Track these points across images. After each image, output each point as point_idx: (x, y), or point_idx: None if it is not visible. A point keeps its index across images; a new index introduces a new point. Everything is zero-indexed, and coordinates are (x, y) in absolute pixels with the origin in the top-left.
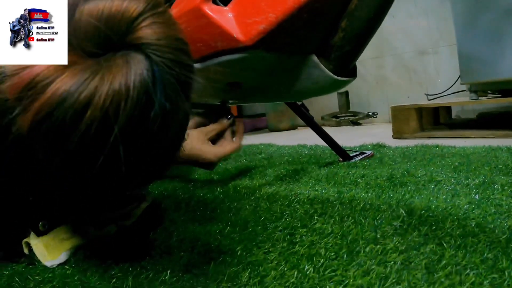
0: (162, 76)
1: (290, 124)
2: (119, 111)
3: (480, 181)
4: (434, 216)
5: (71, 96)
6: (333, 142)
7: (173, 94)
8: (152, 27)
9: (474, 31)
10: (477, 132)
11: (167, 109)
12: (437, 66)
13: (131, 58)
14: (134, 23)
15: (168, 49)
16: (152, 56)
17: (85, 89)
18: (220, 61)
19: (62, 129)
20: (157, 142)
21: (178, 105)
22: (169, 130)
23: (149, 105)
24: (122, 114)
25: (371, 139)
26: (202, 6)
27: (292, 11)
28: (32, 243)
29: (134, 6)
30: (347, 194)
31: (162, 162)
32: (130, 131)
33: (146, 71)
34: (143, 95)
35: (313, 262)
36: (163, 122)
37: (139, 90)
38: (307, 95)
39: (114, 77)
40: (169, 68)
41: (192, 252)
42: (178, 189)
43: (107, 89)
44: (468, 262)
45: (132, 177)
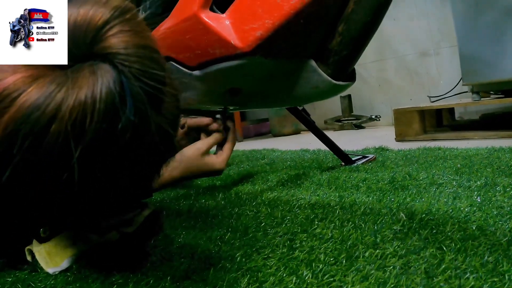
0: (130, 87)
1: (293, 128)
2: (85, 124)
3: (482, 183)
4: (435, 219)
5: (37, 110)
6: (335, 146)
7: (142, 105)
8: (119, 35)
9: (475, 32)
10: (480, 133)
11: (135, 121)
12: (439, 68)
13: (98, 68)
14: (100, 32)
15: (136, 58)
16: (120, 66)
17: (51, 102)
18: (218, 68)
19: (30, 143)
20: (128, 156)
21: (147, 117)
22: (140, 144)
23: (117, 117)
24: (89, 127)
25: (373, 142)
26: (200, 14)
27: (288, 17)
28: (34, 250)
29: (99, 15)
30: (348, 199)
31: (140, 177)
32: (98, 144)
33: (113, 82)
34: (111, 107)
35: (312, 267)
36: (133, 134)
37: (106, 101)
38: (307, 100)
39: (80, 89)
40: (137, 79)
41: (193, 259)
42: (180, 196)
43: (73, 102)
44: (468, 265)
45: (108, 191)
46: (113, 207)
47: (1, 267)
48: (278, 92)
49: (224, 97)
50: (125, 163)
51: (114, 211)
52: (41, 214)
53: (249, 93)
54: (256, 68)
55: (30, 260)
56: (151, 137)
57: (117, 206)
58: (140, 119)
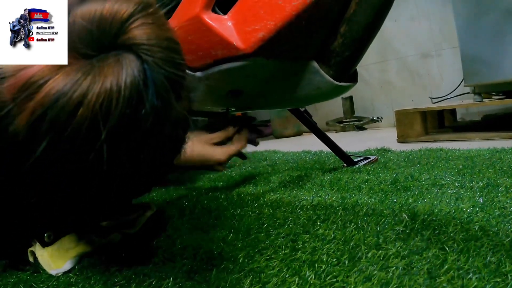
0: (153, 75)
1: (295, 130)
2: (110, 109)
3: (484, 184)
4: (437, 220)
5: (64, 96)
6: (337, 148)
7: (165, 92)
8: (143, 27)
9: (477, 33)
10: (482, 134)
11: (158, 107)
12: (440, 69)
13: (122, 58)
14: (125, 24)
15: (159, 49)
16: (143, 56)
17: (78, 89)
18: (221, 69)
19: (56, 129)
20: (151, 141)
21: (170, 104)
22: (162, 129)
23: (141, 103)
24: (114, 113)
25: (375, 143)
26: (202, 15)
27: (290, 18)
28: (37, 253)
29: (124, 8)
30: (350, 200)
31: (160, 163)
32: (122, 129)
33: (137, 71)
34: (135, 93)
35: (315, 268)
36: (156, 120)
37: (131, 88)
38: (309, 101)
39: (106, 77)
40: (160, 67)
41: (195, 259)
42: (183, 197)
43: (99, 88)
44: (470, 266)
45: (130, 177)
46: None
47: (3, 268)
48: (280, 94)
49: (226, 98)
50: (147, 148)
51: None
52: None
53: (251, 94)
54: (258, 69)
55: (32, 261)
56: (172, 122)
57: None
58: (162, 105)
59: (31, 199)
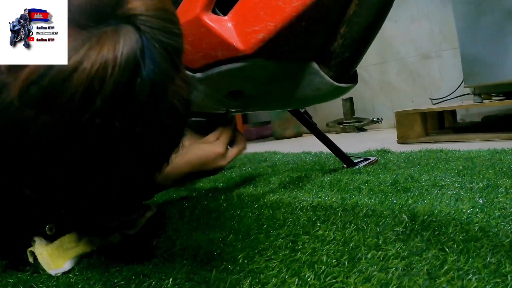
0: (151, 46)
1: (295, 131)
2: (105, 77)
3: (484, 185)
4: (437, 221)
5: None
6: (337, 149)
7: (162, 63)
8: None
9: (477, 34)
10: (482, 135)
11: (155, 77)
12: (441, 70)
13: (121, 28)
14: None
15: (157, 20)
16: (142, 27)
17: (73, 56)
18: (221, 70)
19: (50, 95)
20: (148, 117)
21: (167, 75)
22: (159, 102)
23: (137, 73)
24: (109, 81)
25: (375, 144)
26: (202, 16)
27: (290, 19)
28: (37, 252)
29: None
30: (350, 201)
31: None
32: (118, 99)
33: (135, 41)
34: (132, 63)
35: (315, 269)
36: (153, 91)
37: (127, 58)
38: (309, 102)
39: (103, 46)
40: (157, 39)
41: (195, 260)
42: (183, 198)
43: (95, 56)
44: (470, 267)
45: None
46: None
47: (3, 268)
48: (280, 95)
49: (226, 100)
50: (145, 124)
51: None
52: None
53: (251, 96)
54: (258, 70)
55: (32, 262)
56: (170, 97)
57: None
58: (159, 76)
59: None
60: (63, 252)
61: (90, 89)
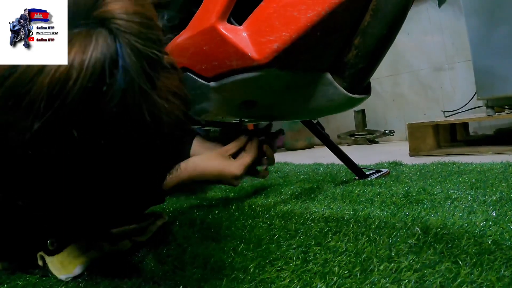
0: (124, 52)
1: (307, 142)
2: (69, 81)
3: (497, 198)
4: (450, 233)
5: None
6: (349, 160)
7: (135, 72)
8: (118, 2)
9: (489, 46)
10: (495, 148)
11: (125, 87)
12: (453, 82)
13: (93, 32)
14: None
15: (134, 25)
16: (115, 31)
17: None
18: (235, 79)
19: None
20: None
21: (140, 86)
22: (130, 114)
23: (104, 81)
24: (73, 86)
25: (387, 157)
26: (217, 26)
27: (305, 30)
28: (47, 260)
29: None
30: (362, 212)
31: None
32: (83, 105)
33: (106, 46)
34: (100, 69)
35: (326, 280)
36: (122, 101)
37: (95, 63)
38: (322, 113)
39: (71, 49)
40: (132, 45)
41: (205, 268)
42: (194, 206)
43: None
44: (484, 280)
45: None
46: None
47: (12, 270)
48: (293, 105)
49: (239, 109)
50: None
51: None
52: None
53: (265, 105)
54: (272, 80)
55: (41, 265)
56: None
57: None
58: (131, 86)
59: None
60: (74, 258)
61: (53, 93)
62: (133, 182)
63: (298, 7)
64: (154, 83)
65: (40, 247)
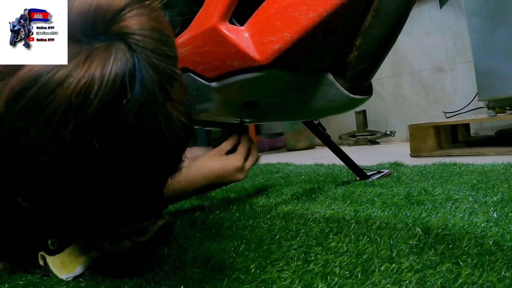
0: (141, 67)
1: (308, 143)
2: (90, 95)
3: (499, 199)
4: (451, 234)
5: (46, 74)
6: (350, 161)
7: (151, 86)
8: (137, 18)
9: (491, 47)
10: (496, 149)
11: (143, 100)
12: (454, 83)
13: (112, 46)
14: (120, 13)
15: (151, 40)
16: (134, 46)
17: (61, 69)
18: (236, 80)
19: (34, 108)
20: (134, 138)
21: (156, 99)
22: (146, 125)
23: (124, 94)
24: (93, 100)
25: (388, 157)
26: (219, 26)
27: (307, 31)
28: (48, 260)
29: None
30: (363, 213)
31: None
32: (101, 118)
33: (125, 60)
34: (119, 83)
35: (327, 280)
36: (139, 114)
37: (115, 77)
38: (324, 114)
39: (92, 62)
40: (149, 60)
41: (206, 269)
42: (195, 207)
43: (83, 72)
44: (485, 281)
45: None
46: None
47: (13, 270)
48: (294, 106)
49: (240, 109)
50: (130, 146)
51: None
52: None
53: (266, 106)
54: (274, 81)
55: (42, 265)
56: (158, 120)
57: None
58: (148, 99)
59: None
60: (75, 258)
61: (73, 106)
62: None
63: (299, 8)
64: (170, 97)
65: (41, 246)
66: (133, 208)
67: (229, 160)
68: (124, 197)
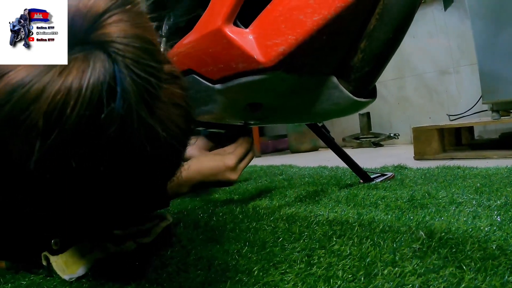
0: (122, 78)
1: (312, 145)
2: (67, 109)
3: (502, 202)
4: (454, 238)
5: (22, 87)
6: (354, 164)
7: (132, 98)
8: (118, 24)
9: (495, 49)
10: (500, 153)
11: (123, 113)
12: (458, 86)
13: (91, 55)
14: (99, 19)
15: (133, 49)
16: (113, 55)
17: (37, 82)
18: (240, 82)
19: (12, 123)
20: (115, 152)
21: (137, 111)
22: (128, 138)
23: (103, 107)
24: (71, 113)
25: (392, 160)
26: (223, 28)
27: (311, 33)
28: (51, 260)
29: (101, 3)
30: (366, 216)
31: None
32: (82, 132)
33: (104, 71)
34: (97, 95)
35: (330, 284)
36: (120, 127)
37: (93, 89)
38: (328, 116)
39: (69, 73)
40: (130, 70)
41: (209, 271)
42: (198, 208)
43: (59, 85)
44: (488, 285)
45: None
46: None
47: (16, 270)
48: (298, 108)
49: (244, 112)
50: (113, 157)
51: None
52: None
53: (270, 108)
54: (278, 83)
55: (45, 265)
56: (140, 132)
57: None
58: (128, 111)
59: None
60: (78, 259)
61: (51, 121)
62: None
63: (304, 11)
64: (152, 109)
65: (44, 247)
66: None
67: (222, 159)
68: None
